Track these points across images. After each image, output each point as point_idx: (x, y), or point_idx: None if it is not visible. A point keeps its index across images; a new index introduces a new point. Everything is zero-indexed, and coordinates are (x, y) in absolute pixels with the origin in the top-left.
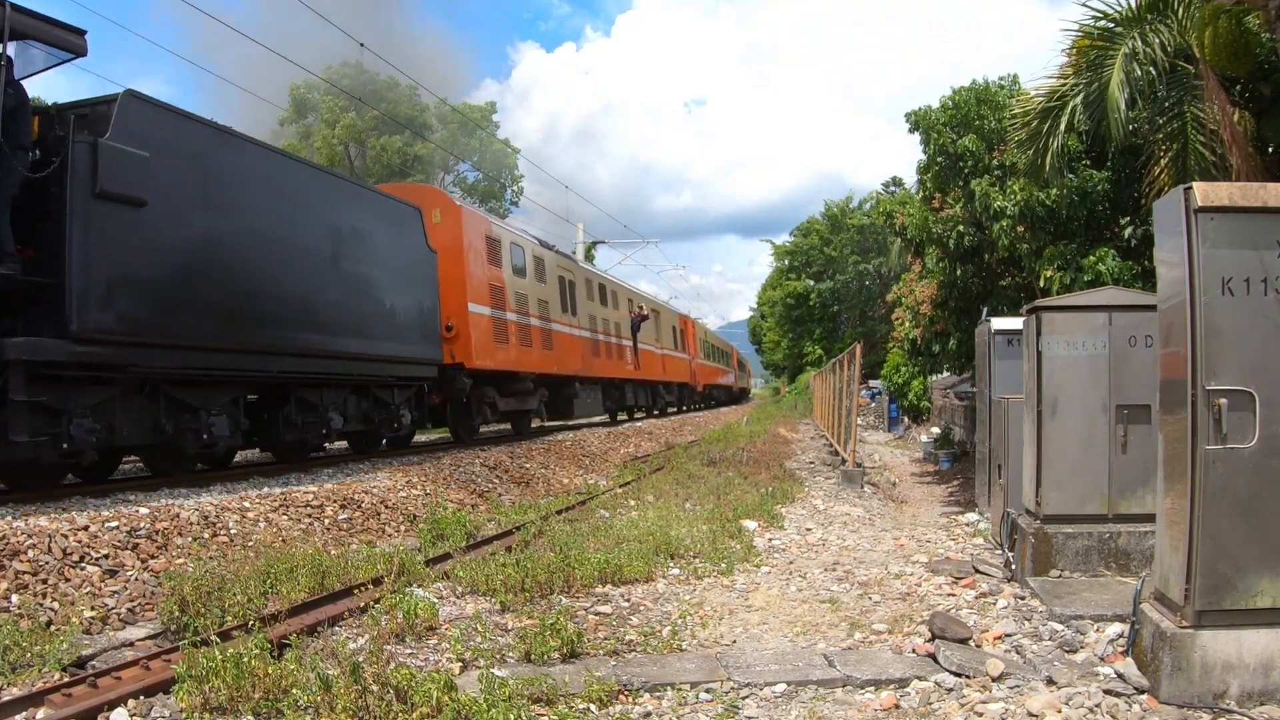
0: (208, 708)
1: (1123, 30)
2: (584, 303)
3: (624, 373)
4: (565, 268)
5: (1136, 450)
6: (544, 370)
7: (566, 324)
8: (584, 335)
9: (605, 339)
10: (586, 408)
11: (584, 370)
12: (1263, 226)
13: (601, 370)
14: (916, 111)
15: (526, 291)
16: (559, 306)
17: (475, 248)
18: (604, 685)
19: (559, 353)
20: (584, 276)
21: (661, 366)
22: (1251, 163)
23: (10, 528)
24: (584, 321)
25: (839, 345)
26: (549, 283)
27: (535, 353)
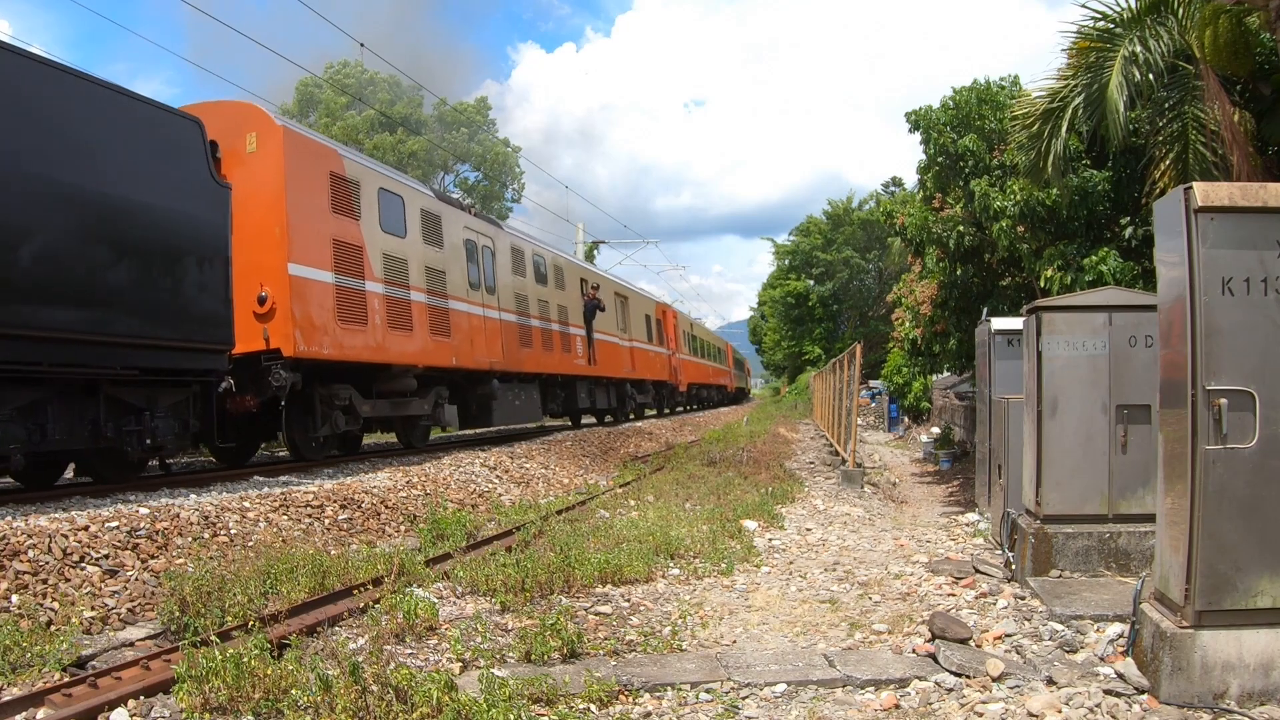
0: (208, 708)
1: (1122, 32)
2: (508, 278)
3: (572, 368)
4: (478, 231)
5: (1136, 450)
6: (435, 363)
7: (477, 303)
8: (507, 319)
9: (544, 325)
10: (513, 411)
11: (507, 364)
12: (1263, 226)
13: (537, 364)
14: (917, 111)
15: (406, 256)
16: (464, 280)
17: (308, 189)
18: (604, 685)
19: (461, 340)
20: (509, 244)
21: (629, 361)
22: (1252, 163)
23: (10, 528)
24: (506, 302)
25: (839, 345)
26: (448, 248)
27: (419, 338)
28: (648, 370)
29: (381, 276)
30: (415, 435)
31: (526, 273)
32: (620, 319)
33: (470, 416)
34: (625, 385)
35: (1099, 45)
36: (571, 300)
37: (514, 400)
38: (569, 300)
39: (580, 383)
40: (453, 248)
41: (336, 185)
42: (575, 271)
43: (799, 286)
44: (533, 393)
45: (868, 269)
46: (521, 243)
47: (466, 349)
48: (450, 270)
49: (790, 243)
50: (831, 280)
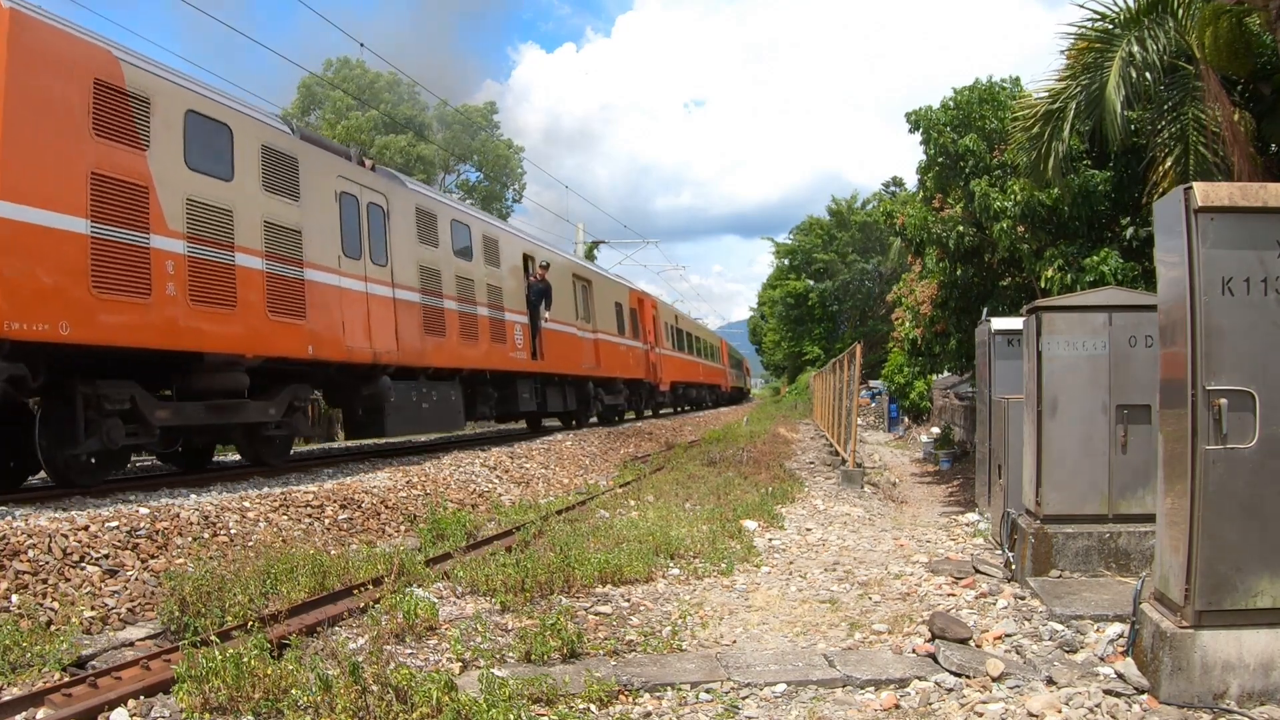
0: (208, 708)
1: (1120, 33)
2: (411, 248)
3: (508, 362)
4: (363, 184)
5: (1136, 450)
6: (278, 352)
7: (355, 276)
8: (406, 299)
9: (465, 309)
10: (419, 417)
11: (405, 356)
12: (1263, 226)
13: (453, 357)
14: (917, 111)
15: (230, 205)
16: (334, 245)
17: (48, 97)
18: (604, 685)
19: (325, 323)
20: (413, 205)
21: (593, 356)
22: (1253, 163)
23: (10, 528)
24: (406, 277)
25: (839, 345)
26: (309, 201)
27: (248, 318)
28: (618, 366)
29: (182, 231)
30: (269, 449)
31: (440, 242)
32: (582, 306)
33: (357, 423)
34: (587, 384)
35: (1097, 46)
36: (509, 280)
37: (419, 403)
38: (505, 280)
39: (523, 381)
40: (316, 202)
41: (106, 98)
42: (515, 246)
43: (799, 286)
44: (450, 393)
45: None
46: (434, 205)
47: (332, 335)
48: (310, 231)
49: (791, 242)
50: (832, 280)
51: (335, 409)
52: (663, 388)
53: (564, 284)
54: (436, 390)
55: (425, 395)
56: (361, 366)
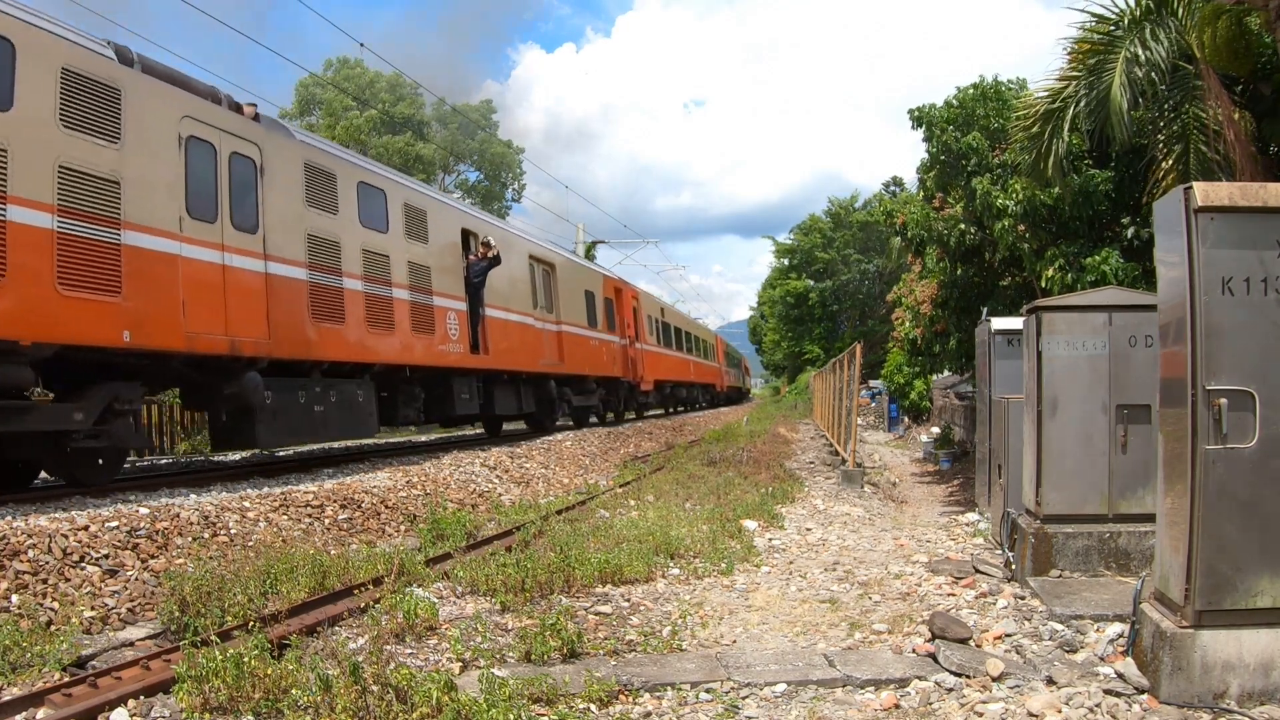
0: (208, 708)
1: (1122, 34)
2: (295, 211)
3: (437, 356)
4: (223, 130)
5: (1136, 450)
6: (71, 337)
7: (206, 243)
8: (285, 275)
9: (375, 290)
10: (306, 422)
11: (279, 346)
12: (1263, 226)
13: (360, 349)
14: (920, 108)
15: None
16: (175, 204)
17: None
18: (604, 685)
19: (152, 301)
20: (300, 159)
21: (556, 350)
22: (1253, 163)
23: (10, 528)
24: (285, 247)
25: (839, 345)
26: (132, 145)
27: (13, 290)
28: (587, 363)
29: None
30: (86, 466)
31: (341, 209)
32: (542, 293)
33: (220, 430)
34: (548, 383)
35: (1099, 47)
36: (441, 258)
37: (310, 405)
38: (436, 258)
39: (460, 378)
40: (147, 146)
41: None
42: (450, 219)
43: (799, 286)
44: (357, 393)
45: (868, 269)
46: (334, 162)
47: (165, 317)
48: (134, 182)
49: (791, 241)
50: (832, 279)
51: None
52: (644, 387)
53: (518, 267)
54: (337, 390)
55: (319, 396)
56: (215, 359)
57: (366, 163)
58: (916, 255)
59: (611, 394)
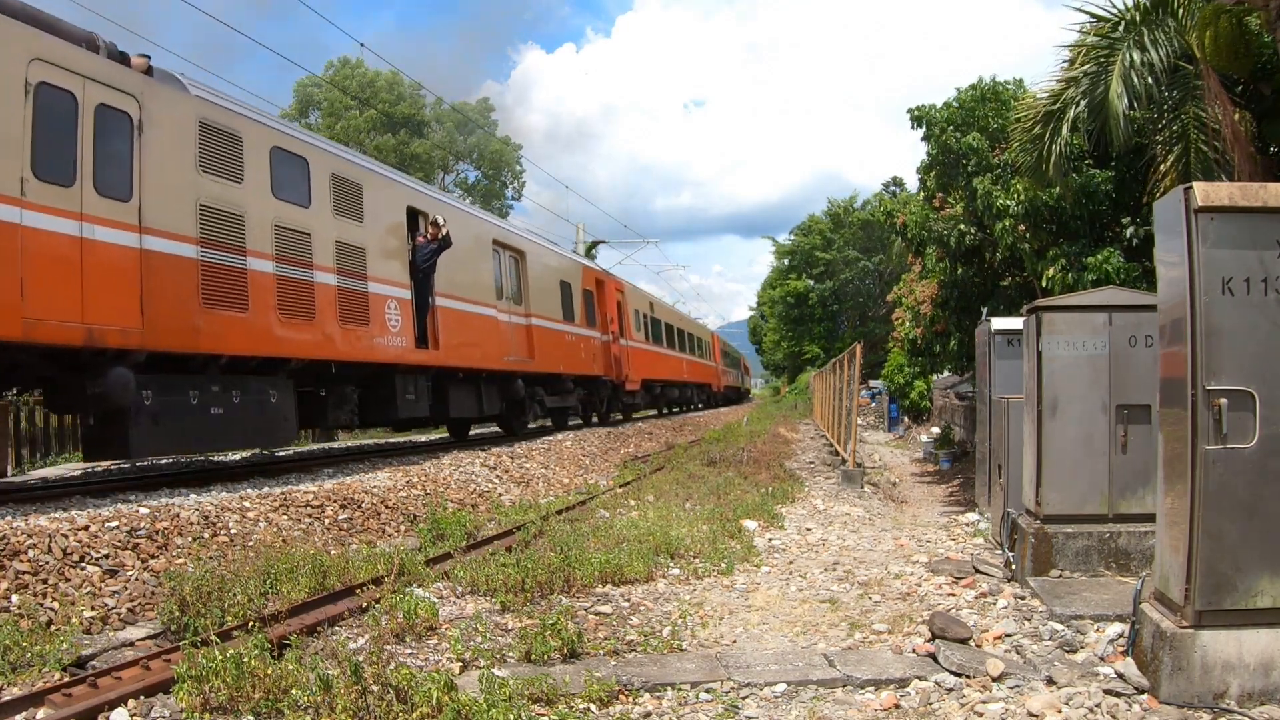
0: (208, 708)
1: (1120, 37)
2: (181, 175)
3: (372, 351)
4: (60, 63)
5: (1136, 450)
6: None
7: (45, 207)
8: (161, 250)
9: (293, 274)
10: (199, 428)
11: (152, 337)
12: (1263, 226)
13: (270, 342)
14: (920, 108)
15: None
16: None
17: None
18: (604, 685)
19: None
20: (190, 115)
21: (525, 346)
22: (1253, 163)
23: (10, 528)
24: (163, 217)
25: (839, 345)
26: None
27: None
28: (563, 360)
29: None
30: None
31: (249, 177)
32: (509, 283)
33: (89, 438)
34: (515, 382)
35: (1098, 51)
36: (381, 239)
37: (204, 407)
38: (373, 239)
39: (404, 376)
40: None
41: None
42: (393, 195)
43: (799, 286)
44: (269, 393)
45: (869, 269)
46: (239, 122)
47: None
48: None
49: (790, 242)
50: (832, 279)
51: None
52: (630, 386)
53: (479, 252)
54: (242, 390)
55: (218, 397)
56: (68, 351)
57: (285, 126)
58: (917, 255)
59: (592, 394)
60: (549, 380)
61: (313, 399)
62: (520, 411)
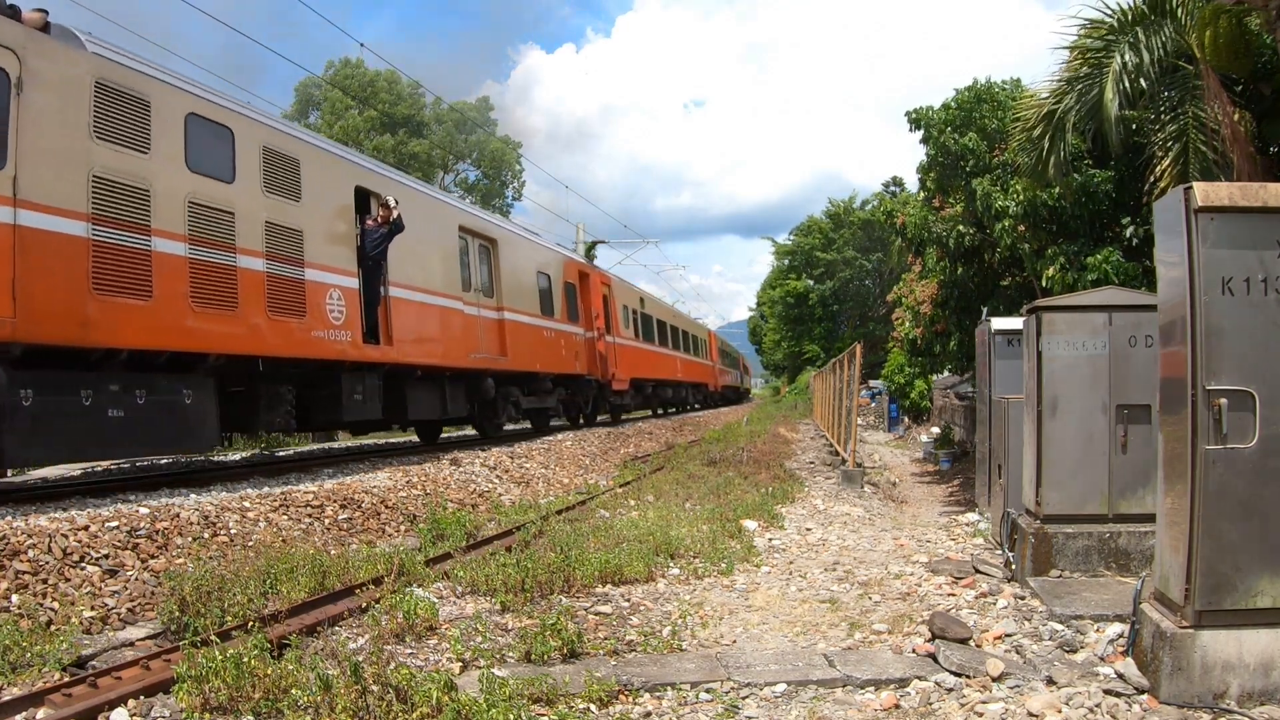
0: (208, 708)
1: (1116, 39)
2: (70, 142)
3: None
4: None
5: (1136, 450)
6: None
7: None
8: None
9: (211, 257)
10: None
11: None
12: (1263, 226)
13: (182, 335)
14: (918, 110)
15: None
16: None
17: None
18: (604, 685)
19: None
20: (82, 74)
21: (495, 342)
22: (1253, 163)
23: (10, 528)
24: (52, 190)
25: (839, 345)
26: None
27: None
28: (540, 357)
29: None
30: None
31: (154, 145)
32: (477, 273)
33: None
34: (484, 380)
35: (1093, 53)
36: (323, 221)
37: (100, 410)
38: (313, 220)
39: (351, 375)
40: None
41: None
42: (337, 173)
43: (799, 286)
44: (182, 394)
45: (868, 269)
46: (144, 84)
47: None
48: None
49: (790, 242)
50: (832, 280)
51: None
52: (618, 386)
53: (443, 239)
54: (148, 389)
55: (115, 397)
56: None
57: (206, 91)
58: (916, 256)
59: (576, 394)
60: (525, 379)
61: (241, 400)
62: (493, 413)
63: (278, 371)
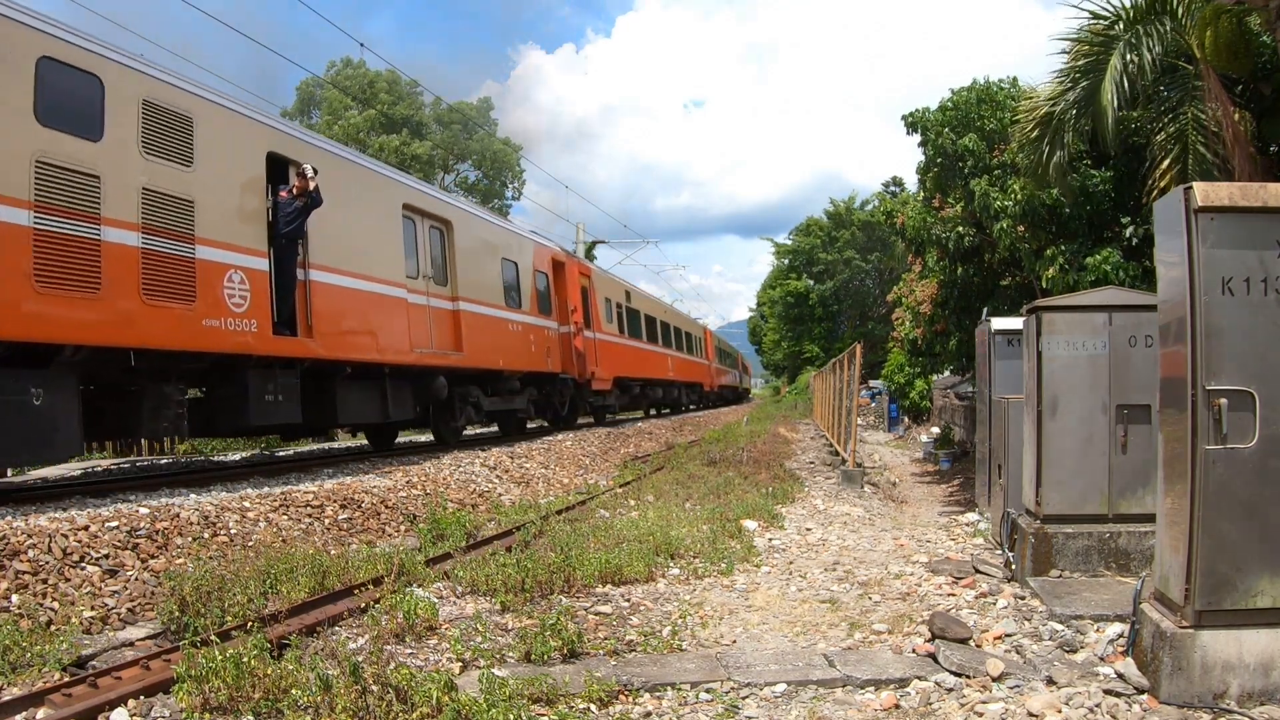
0: (208, 708)
1: (1114, 35)
2: None
3: (210, 338)
4: None
5: (1136, 450)
6: None
7: None
8: None
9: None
10: None
11: None
12: (1263, 226)
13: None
14: (914, 113)
15: None
16: None
17: None
18: (604, 685)
19: None
20: None
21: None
22: (1253, 163)
23: (10, 528)
24: None
25: (839, 345)
26: None
27: None
28: (504, 353)
29: None
30: None
31: None
32: (426, 257)
33: None
34: (434, 379)
35: (1092, 51)
36: (216, 190)
37: None
38: (204, 188)
39: (258, 372)
40: None
41: None
42: (240, 133)
43: (799, 286)
44: (29, 392)
45: (868, 269)
46: None
47: None
48: None
49: (791, 242)
50: (832, 280)
51: None
52: (599, 385)
53: (382, 218)
54: None
55: None
56: None
57: (70, 32)
58: (916, 256)
59: (550, 394)
60: (487, 378)
61: (119, 401)
62: (449, 415)
63: (164, 367)
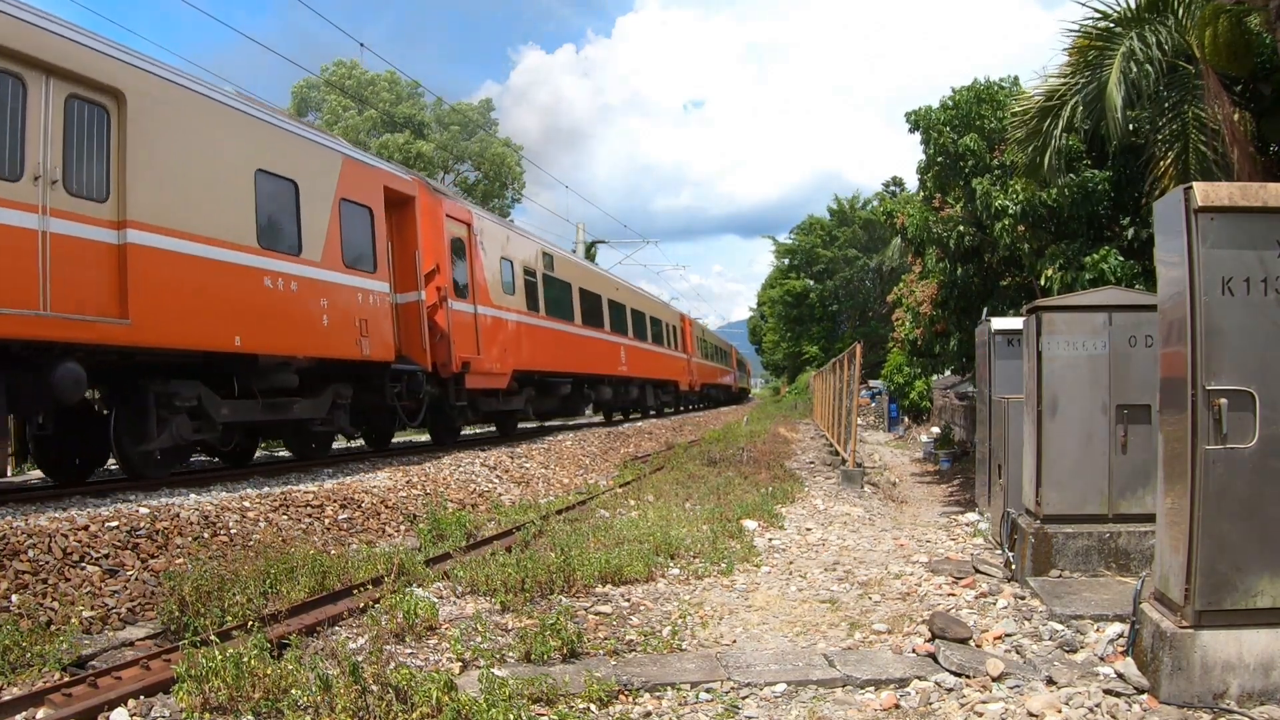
0: (208, 708)
1: (1121, 30)
2: None
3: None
4: None
5: (1136, 450)
6: None
7: None
8: None
9: None
10: None
11: None
12: (1263, 226)
13: None
14: (916, 111)
15: None
16: None
17: None
18: (604, 685)
19: None
20: None
21: (106, 286)
22: (1253, 163)
23: (10, 528)
24: None
25: (839, 345)
26: None
27: None
28: (261, 327)
29: None
30: None
31: None
32: (60, 154)
33: None
34: (58, 366)
35: (1098, 44)
36: None
37: None
38: None
39: None
40: None
41: None
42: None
43: (799, 286)
44: None
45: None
46: None
47: None
48: None
49: (791, 241)
50: (832, 278)
51: None
52: (481, 382)
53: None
54: None
55: None
56: None
57: None
58: (917, 256)
59: (374, 391)
60: (218, 365)
61: None
62: (138, 429)
63: None
